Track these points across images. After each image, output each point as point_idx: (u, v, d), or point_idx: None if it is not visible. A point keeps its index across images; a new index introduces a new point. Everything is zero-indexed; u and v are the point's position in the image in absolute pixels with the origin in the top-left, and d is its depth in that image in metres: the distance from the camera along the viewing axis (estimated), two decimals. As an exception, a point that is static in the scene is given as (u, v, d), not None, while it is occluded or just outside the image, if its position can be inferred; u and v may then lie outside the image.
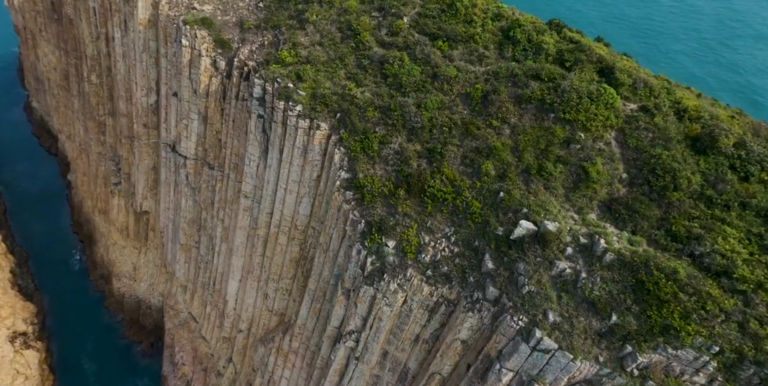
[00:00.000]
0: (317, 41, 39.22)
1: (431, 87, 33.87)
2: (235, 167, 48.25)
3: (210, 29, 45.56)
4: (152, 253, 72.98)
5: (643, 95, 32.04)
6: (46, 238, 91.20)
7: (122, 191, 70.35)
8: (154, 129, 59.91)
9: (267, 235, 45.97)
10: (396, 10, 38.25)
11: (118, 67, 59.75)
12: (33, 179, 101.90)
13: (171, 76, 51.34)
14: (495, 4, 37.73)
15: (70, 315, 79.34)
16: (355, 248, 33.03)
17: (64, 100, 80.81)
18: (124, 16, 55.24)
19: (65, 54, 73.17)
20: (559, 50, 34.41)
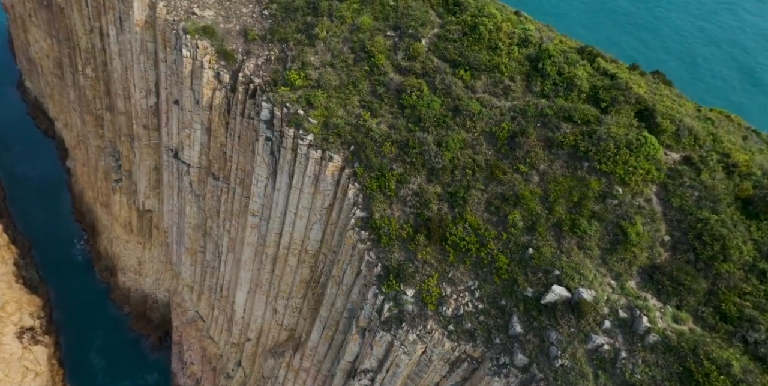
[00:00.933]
0: (328, 62, 36.77)
1: (452, 123, 31.79)
2: (241, 182, 46.59)
3: (212, 39, 42.89)
4: (157, 250, 72.11)
5: (687, 144, 29.83)
6: (48, 226, 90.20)
7: (123, 188, 68.73)
8: (155, 131, 57.79)
9: (276, 254, 44.85)
10: (413, 31, 35.60)
11: (114, 65, 57.04)
12: (31, 163, 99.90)
13: (171, 83, 48.90)
14: (521, 26, 34.99)
15: (76, 307, 79.27)
16: (371, 291, 31.93)
17: (59, 88, 77.96)
18: (119, 14, 52.19)
19: (57, 43, 69.95)
20: (593, 86, 31.97)
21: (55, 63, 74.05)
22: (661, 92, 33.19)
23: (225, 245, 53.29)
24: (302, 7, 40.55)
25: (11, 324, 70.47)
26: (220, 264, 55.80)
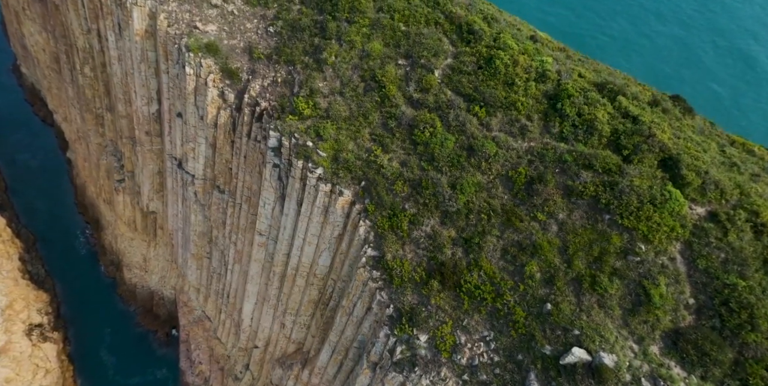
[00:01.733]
0: (337, 89, 35.64)
1: (467, 163, 31.01)
2: (248, 200, 46.02)
3: (216, 57, 41.53)
4: (162, 249, 72.08)
5: (713, 198, 28.97)
6: (51, 218, 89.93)
7: (127, 188, 68.10)
8: (157, 137, 56.78)
9: (284, 273, 44.72)
10: (426, 62, 34.31)
11: (114, 69, 55.52)
12: (31, 152, 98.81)
13: (174, 96, 47.69)
14: (539, 58, 33.61)
15: (83, 302, 79.84)
16: (383, 330, 31.89)
17: (56, 82, 76.27)
18: (117, 20, 50.43)
19: (53, 38, 68.00)
20: (614, 130, 30.91)
21: (52, 58, 72.20)
22: (685, 134, 32.01)
23: (231, 256, 53.14)
24: (309, 27, 39.06)
25: (20, 322, 71.09)
26: (227, 273, 55.79)
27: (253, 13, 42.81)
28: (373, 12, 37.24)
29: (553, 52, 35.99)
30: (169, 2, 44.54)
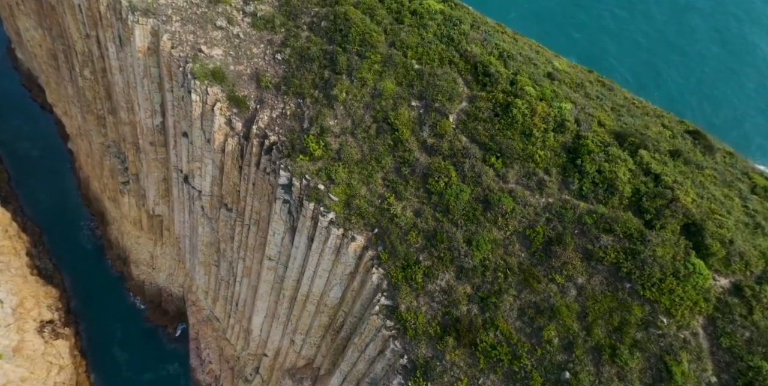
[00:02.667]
0: (349, 129, 34.83)
1: (483, 218, 30.62)
2: (256, 223, 45.81)
3: (222, 84, 40.40)
4: (169, 248, 72.34)
5: (738, 269, 28.65)
6: (55, 209, 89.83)
7: (132, 191, 67.71)
8: (162, 147, 55.99)
9: (294, 296, 45.02)
10: (440, 106, 33.32)
11: (115, 79, 54.14)
12: (31, 140, 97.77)
13: (179, 115, 46.72)
14: (557, 105, 32.56)
15: (92, 296, 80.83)
16: (396, 379, 32.37)
17: (55, 78, 74.55)
18: (117, 32, 48.77)
19: (50, 37, 65.94)
20: (635, 190, 30.17)
21: (49, 54, 70.30)
22: (708, 191, 31.11)
23: (240, 270, 53.38)
24: (318, 58, 37.79)
25: (31, 320, 72.18)
26: (235, 283, 56.19)
27: (260, 37, 41.34)
28: (384, 46, 35.92)
29: (571, 91, 34.89)
30: (172, 22, 42.96)
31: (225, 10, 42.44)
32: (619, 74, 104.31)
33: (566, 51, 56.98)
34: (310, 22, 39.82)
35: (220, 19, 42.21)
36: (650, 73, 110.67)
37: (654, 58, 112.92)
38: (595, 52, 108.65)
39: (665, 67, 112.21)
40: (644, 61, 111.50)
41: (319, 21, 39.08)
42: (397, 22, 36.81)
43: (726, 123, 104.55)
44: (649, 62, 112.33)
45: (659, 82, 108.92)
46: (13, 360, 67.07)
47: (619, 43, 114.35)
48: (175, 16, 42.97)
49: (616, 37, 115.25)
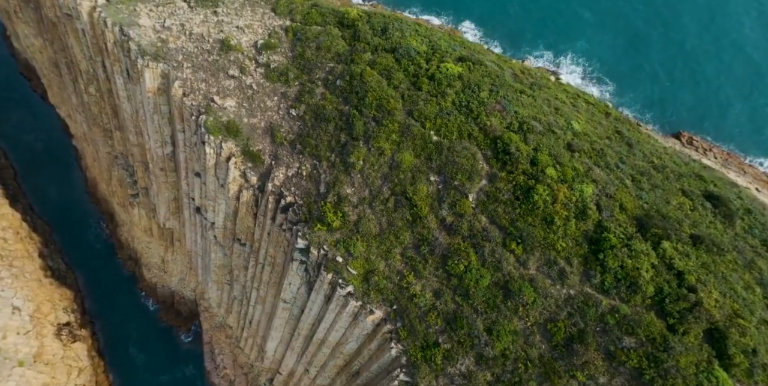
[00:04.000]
0: (366, 200, 34.87)
1: (503, 306, 31.09)
2: (271, 264, 46.35)
3: (236, 138, 39.99)
4: (180, 256, 73.31)
5: (760, 380, 29.18)
6: (64, 206, 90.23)
7: (141, 203, 67.94)
8: (173, 172, 55.84)
9: (309, 337, 46.15)
10: (459, 184, 33.16)
11: (123, 106, 53.28)
12: (34, 133, 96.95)
13: (192, 157, 46.39)
14: (579, 188, 32.31)
15: (106, 296, 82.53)
16: (412, 447, 33.85)
17: (57, 83, 73.13)
18: (125, 67, 47.64)
19: (51, 48, 64.23)
20: (658, 289, 30.33)
21: (51, 62, 68.70)
22: (730, 285, 31.15)
23: (254, 297, 54.45)
24: (334, 118, 37.28)
25: (49, 325, 74.20)
26: (249, 307, 57.40)
27: (273, 89, 40.53)
28: (402, 114, 35.35)
29: (591, 161, 34.51)
30: (182, 69, 42.04)
31: (237, 59, 41.42)
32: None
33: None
34: (325, 78, 38.98)
35: (233, 68, 41.26)
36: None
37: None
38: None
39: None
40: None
41: (334, 79, 38.26)
42: (415, 87, 36.08)
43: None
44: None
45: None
46: (34, 367, 69.51)
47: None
48: (186, 62, 41.98)
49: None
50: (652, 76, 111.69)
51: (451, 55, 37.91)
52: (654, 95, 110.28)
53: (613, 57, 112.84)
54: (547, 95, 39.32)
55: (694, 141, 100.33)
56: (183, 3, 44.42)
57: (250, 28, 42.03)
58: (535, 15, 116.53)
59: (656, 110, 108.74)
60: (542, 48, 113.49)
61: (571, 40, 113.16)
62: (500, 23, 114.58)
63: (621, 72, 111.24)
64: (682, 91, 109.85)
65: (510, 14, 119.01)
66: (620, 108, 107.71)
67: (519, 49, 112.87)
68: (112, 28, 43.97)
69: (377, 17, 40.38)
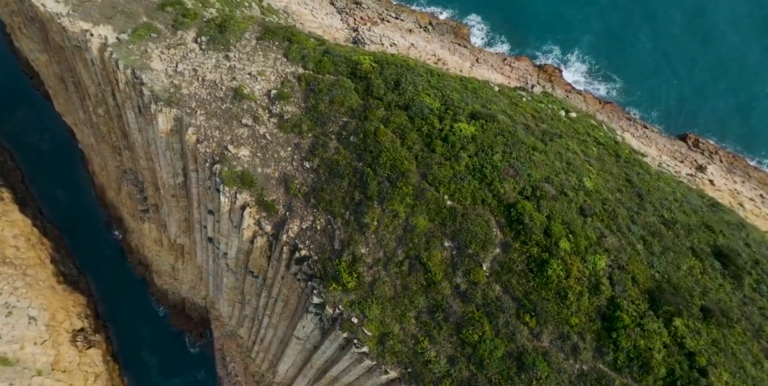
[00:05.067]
0: (381, 261, 35.64)
1: (517, 378, 32.14)
2: (284, 301, 47.42)
3: (251, 189, 40.44)
4: (191, 267, 74.55)
5: None
6: (73, 208, 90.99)
7: (152, 219, 68.74)
8: (185, 198, 56.41)
9: (322, 370, 47.60)
10: (473, 252, 33.82)
11: (134, 136, 53.46)
12: (39, 133, 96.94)
13: (205, 197, 46.85)
14: (592, 261, 32.97)
15: (118, 300, 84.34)
16: None
17: (63, 94, 72.75)
18: (137, 103, 47.65)
19: (58, 66, 63.67)
20: (670, 370, 31.06)
21: (56, 77, 68.20)
22: (741, 364, 31.85)
23: (266, 323, 55.82)
24: (348, 175, 37.71)
25: (64, 332, 76.21)
26: (261, 328, 58.87)
27: (287, 139, 40.76)
28: (416, 176, 35.77)
29: (603, 226, 35.09)
30: (196, 115, 42.16)
31: (250, 107, 41.48)
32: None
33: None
34: (339, 132, 39.19)
35: (246, 117, 41.37)
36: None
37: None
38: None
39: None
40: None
41: (347, 134, 38.49)
42: (429, 149, 36.36)
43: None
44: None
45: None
46: (52, 375, 71.80)
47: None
48: (200, 109, 42.08)
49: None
50: (661, 72, 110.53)
51: (464, 111, 37.99)
52: (661, 93, 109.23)
53: (621, 52, 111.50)
54: (559, 147, 39.58)
55: (700, 143, 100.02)
56: (194, 44, 44.13)
57: (262, 75, 41.89)
58: (542, 8, 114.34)
59: (663, 108, 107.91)
60: (550, 43, 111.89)
61: (579, 34, 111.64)
62: (507, 16, 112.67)
63: (629, 68, 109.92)
64: (689, 89, 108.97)
65: (516, 6, 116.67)
66: (627, 108, 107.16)
67: (526, 45, 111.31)
68: (124, 71, 43.81)
69: (390, 68, 40.16)
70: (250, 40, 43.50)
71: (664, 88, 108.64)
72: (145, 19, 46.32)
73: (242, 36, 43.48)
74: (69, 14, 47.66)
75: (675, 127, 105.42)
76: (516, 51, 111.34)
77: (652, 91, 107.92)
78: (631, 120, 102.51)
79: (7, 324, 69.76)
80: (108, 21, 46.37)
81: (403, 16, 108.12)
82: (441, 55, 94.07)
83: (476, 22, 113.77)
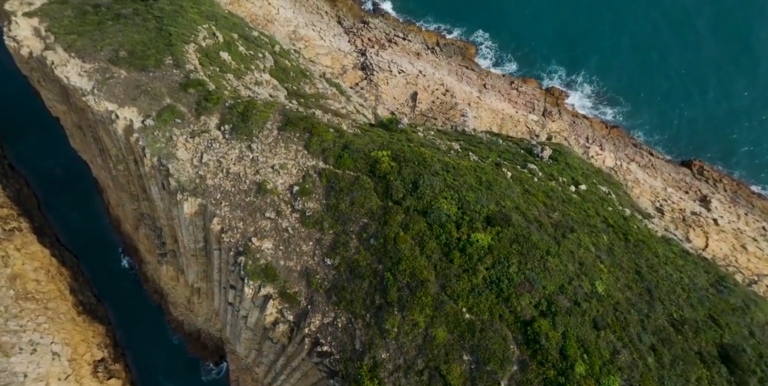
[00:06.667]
0: (402, 368, 37.76)
1: None
2: (305, 373, 49.75)
3: (274, 282, 42.38)
4: (207, 302, 76.96)
5: None
6: (89, 234, 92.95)
7: (170, 263, 70.81)
8: (204, 257, 58.36)
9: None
10: (491, 369, 35.85)
11: (156, 203, 55.12)
12: (53, 158, 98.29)
13: (228, 274, 48.79)
14: (606, 382, 34.93)
15: (135, 327, 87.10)
16: None
17: (80, 137, 73.98)
18: (161, 180, 49.21)
19: (78, 118, 64.86)
20: None
21: (75, 126, 69.39)
22: None
23: (282, 377, 58.36)
24: (368, 276, 39.63)
25: (86, 364, 79.26)
26: (278, 380, 61.53)
27: (308, 234, 42.52)
28: (435, 286, 37.65)
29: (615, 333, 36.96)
30: (221, 206, 43.84)
31: (273, 201, 43.12)
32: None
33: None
34: (359, 232, 40.93)
35: (269, 211, 43.05)
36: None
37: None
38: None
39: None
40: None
41: (368, 236, 40.24)
42: (447, 258, 38.14)
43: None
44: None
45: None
46: (76, 408, 75.07)
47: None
48: (224, 201, 43.73)
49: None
50: (668, 95, 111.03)
51: (480, 215, 39.62)
52: (668, 117, 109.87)
53: (628, 73, 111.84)
54: (571, 244, 41.29)
55: (705, 171, 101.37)
56: (218, 132, 45.51)
57: (284, 168, 43.40)
58: (548, 26, 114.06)
59: (669, 133, 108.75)
60: (555, 64, 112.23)
61: (585, 55, 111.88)
62: (514, 34, 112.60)
63: (636, 90, 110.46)
64: (696, 112, 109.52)
65: (522, 24, 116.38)
66: (633, 131, 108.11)
67: (533, 65, 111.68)
68: (150, 158, 45.31)
69: (408, 168, 41.60)
70: (272, 130, 44.85)
71: (670, 111, 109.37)
72: (169, 101, 47.55)
73: (264, 126, 44.80)
74: (94, 93, 48.90)
75: (680, 151, 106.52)
76: (523, 71, 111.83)
77: (659, 115, 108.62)
78: (636, 146, 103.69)
79: (32, 362, 72.68)
80: (133, 102, 47.65)
81: (411, 37, 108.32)
82: (449, 85, 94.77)
83: (483, 40, 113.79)
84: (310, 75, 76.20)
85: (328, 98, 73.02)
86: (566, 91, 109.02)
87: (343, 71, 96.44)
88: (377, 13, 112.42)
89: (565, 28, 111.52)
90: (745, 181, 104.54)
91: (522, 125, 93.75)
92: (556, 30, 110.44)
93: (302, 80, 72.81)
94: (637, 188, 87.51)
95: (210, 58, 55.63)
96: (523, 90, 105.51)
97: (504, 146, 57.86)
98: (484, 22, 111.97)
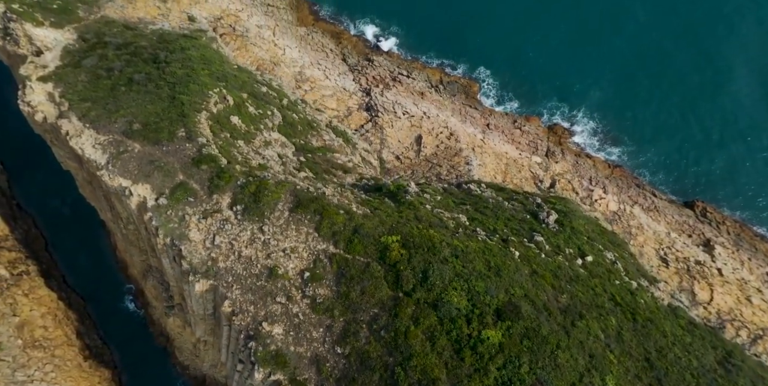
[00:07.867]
0: None
1: None
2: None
3: (284, 369, 42.82)
4: (213, 350, 77.39)
5: None
6: (95, 274, 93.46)
7: (177, 315, 71.29)
8: (212, 321, 58.81)
9: None
10: None
11: (166, 269, 55.65)
12: (59, 197, 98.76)
13: (236, 348, 49.21)
14: None
15: (141, 370, 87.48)
16: None
17: (89, 190, 74.66)
18: (173, 254, 49.75)
19: (88, 176, 65.53)
20: None
21: (86, 182, 70.04)
22: None
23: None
24: (379, 369, 40.07)
25: (92, 411, 79.55)
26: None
27: (319, 321, 42.99)
28: (446, 384, 38.12)
29: None
30: (232, 289, 44.38)
31: (284, 286, 43.62)
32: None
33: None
34: (369, 323, 41.41)
35: (280, 295, 43.55)
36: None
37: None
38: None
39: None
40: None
41: (378, 328, 40.73)
42: (458, 356, 38.62)
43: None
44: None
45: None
46: (82, 457, 75.37)
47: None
48: (236, 284, 44.25)
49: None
50: (672, 134, 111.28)
51: (491, 308, 40.19)
52: (671, 157, 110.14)
53: (631, 110, 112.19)
54: (581, 334, 41.79)
55: (708, 213, 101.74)
56: (230, 212, 46.09)
57: (295, 251, 43.95)
58: (547, 62, 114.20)
59: (673, 172, 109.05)
60: (556, 100, 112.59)
61: (586, 90, 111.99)
62: (514, 70, 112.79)
63: (638, 128, 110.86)
64: (700, 151, 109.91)
65: (522, 60, 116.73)
66: (637, 170, 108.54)
67: (535, 102, 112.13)
68: (163, 239, 45.88)
69: (417, 255, 42.20)
70: (283, 211, 45.44)
71: (674, 150, 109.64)
72: (182, 178, 48.17)
73: (276, 207, 45.39)
74: (108, 168, 49.52)
75: (684, 191, 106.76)
76: (525, 109, 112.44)
77: (662, 154, 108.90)
78: (639, 186, 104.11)
79: (39, 414, 73.12)
80: (146, 179, 48.27)
81: (415, 74, 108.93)
82: (453, 128, 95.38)
83: (485, 76, 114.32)
84: (316, 126, 76.94)
85: (335, 150, 73.77)
86: (569, 129, 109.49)
87: (348, 113, 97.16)
88: (381, 51, 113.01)
89: (563, 63, 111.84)
90: (748, 222, 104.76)
91: (526, 169, 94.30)
92: (554, 66, 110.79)
93: (309, 133, 73.54)
94: (641, 235, 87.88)
95: (221, 124, 56.32)
96: (526, 129, 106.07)
97: (510, 210, 58.43)
98: (485, 59, 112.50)
